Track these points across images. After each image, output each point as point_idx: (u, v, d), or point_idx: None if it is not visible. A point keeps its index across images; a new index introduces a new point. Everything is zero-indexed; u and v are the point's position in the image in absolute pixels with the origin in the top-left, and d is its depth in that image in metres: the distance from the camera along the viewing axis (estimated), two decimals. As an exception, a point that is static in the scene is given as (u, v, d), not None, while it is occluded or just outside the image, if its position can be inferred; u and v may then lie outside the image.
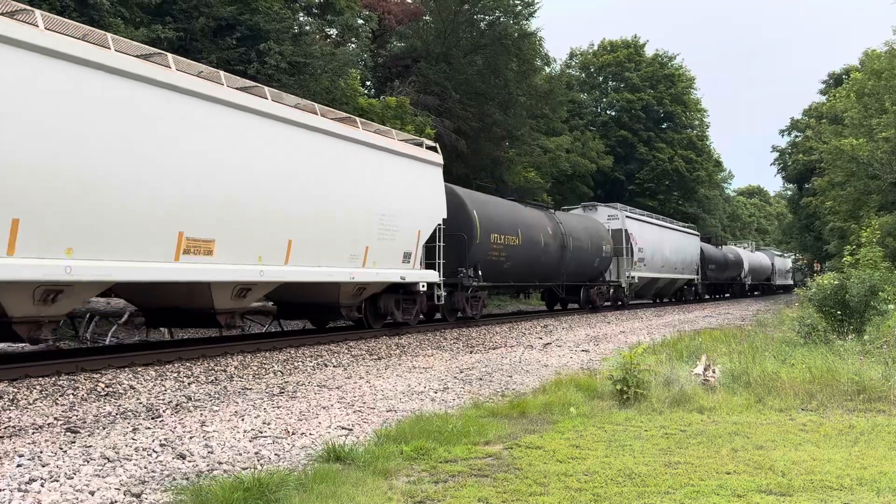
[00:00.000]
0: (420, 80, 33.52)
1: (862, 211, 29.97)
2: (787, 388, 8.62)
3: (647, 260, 33.32)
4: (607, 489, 5.04)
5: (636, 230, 32.05)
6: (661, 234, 35.86)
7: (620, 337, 17.55)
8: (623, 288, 30.82)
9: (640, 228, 32.98)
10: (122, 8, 17.93)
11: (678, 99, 59.98)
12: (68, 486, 4.88)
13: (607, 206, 32.44)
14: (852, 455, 5.97)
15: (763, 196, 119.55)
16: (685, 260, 38.99)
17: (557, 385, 9.21)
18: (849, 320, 13.04)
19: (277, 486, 4.80)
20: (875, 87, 30.48)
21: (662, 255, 35.34)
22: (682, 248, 38.74)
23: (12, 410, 7.44)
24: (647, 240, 33.32)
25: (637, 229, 32.21)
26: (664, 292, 38.94)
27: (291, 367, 11.12)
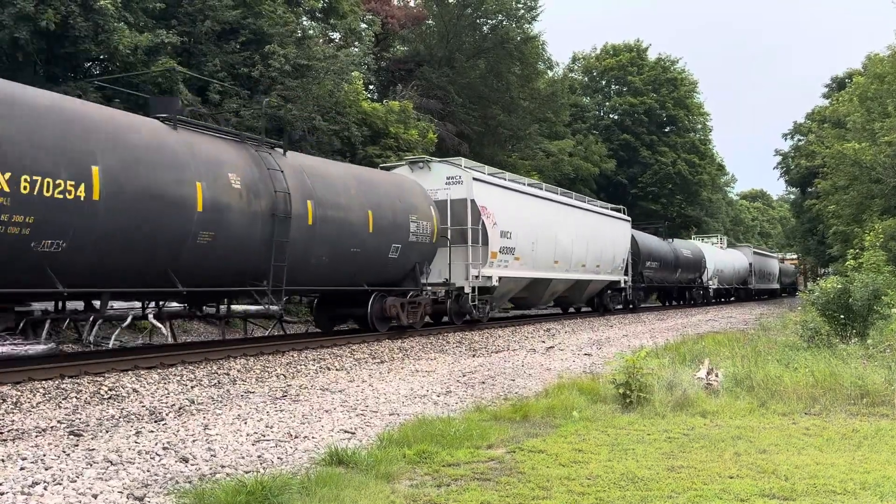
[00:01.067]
0: (423, 84, 33.57)
1: (865, 215, 29.93)
2: (790, 392, 8.61)
3: (522, 251, 21.42)
4: (610, 493, 5.04)
5: (495, 203, 20.11)
6: (554, 214, 23.94)
7: (623, 340, 17.53)
8: (468, 296, 19.17)
9: (504, 201, 20.77)
10: (127, 13, 17.97)
11: (681, 103, 59.97)
12: (71, 490, 4.89)
13: (447, 162, 20.47)
14: (855, 459, 5.96)
15: (766, 200, 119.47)
16: (602, 254, 27.25)
17: (560, 389, 9.21)
18: (852, 324, 13.01)
19: (280, 489, 4.80)
20: (878, 91, 30.46)
21: (555, 244, 23.59)
22: (597, 236, 26.83)
23: (15, 413, 7.45)
24: (518, 219, 21.21)
25: (497, 202, 20.24)
26: (569, 299, 27.53)
27: (294, 370, 11.12)
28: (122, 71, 18.32)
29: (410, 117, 27.89)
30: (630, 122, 56.53)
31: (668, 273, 36.32)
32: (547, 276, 23.27)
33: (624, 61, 59.35)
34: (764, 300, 57.71)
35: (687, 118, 61.12)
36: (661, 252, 35.19)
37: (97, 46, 17.21)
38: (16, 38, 15.91)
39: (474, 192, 19.28)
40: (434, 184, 19.24)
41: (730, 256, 49.73)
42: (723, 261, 46.75)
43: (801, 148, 54.30)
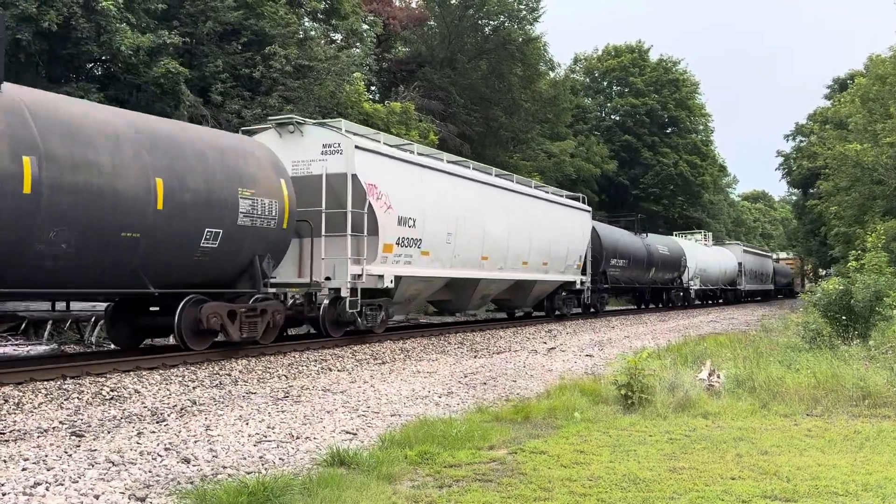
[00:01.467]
0: (424, 85, 33.59)
1: (867, 216, 29.90)
2: (792, 393, 8.62)
3: (432, 243, 16.73)
4: (612, 494, 5.04)
5: (391, 181, 15.38)
6: (482, 199, 19.04)
7: (625, 342, 17.53)
8: (345, 300, 14.36)
9: (406, 180, 16.04)
10: (129, 14, 18.00)
11: (682, 104, 59.99)
12: (73, 490, 4.89)
13: (324, 125, 15.33)
14: (857, 461, 5.95)
15: (768, 201, 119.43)
16: (551, 249, 22.82)
17: (562, 390, 9.21)
18: (854, 325, 13.01)
19: (282, 490, 4.81)
20: (880, 92, 30.44)
21: (483, 236, 18.82)
22: (544, 228, 22.19)
23: (17, 414, 7.46)
24: (427, 203, 16.58)
25: (394, 180, 15.50)
26: (510, 303, 23.93)
27: (296, 371, 11.12)
28: (125, 72, 18.35)
29: (412, 118, 27.91)
30: (632, 123, 56.54)
31: (640, 272, 32.14)
32: (472, 276, 18.78)
33: (626, 62, 59.37)
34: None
35: (689, 119, 61.14)
36: (630, 248, 31.03)
37: (99, 47, 17.24)
38: (18, 39, 15.93)
39: (357, 164, 14.42)
40: (307, 153, 14.71)
41: (716, 255, 45.68)
42: (707, 259, 42.82)
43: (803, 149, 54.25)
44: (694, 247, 41.89)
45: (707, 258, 43.12)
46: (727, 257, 47.86)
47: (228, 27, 21.19)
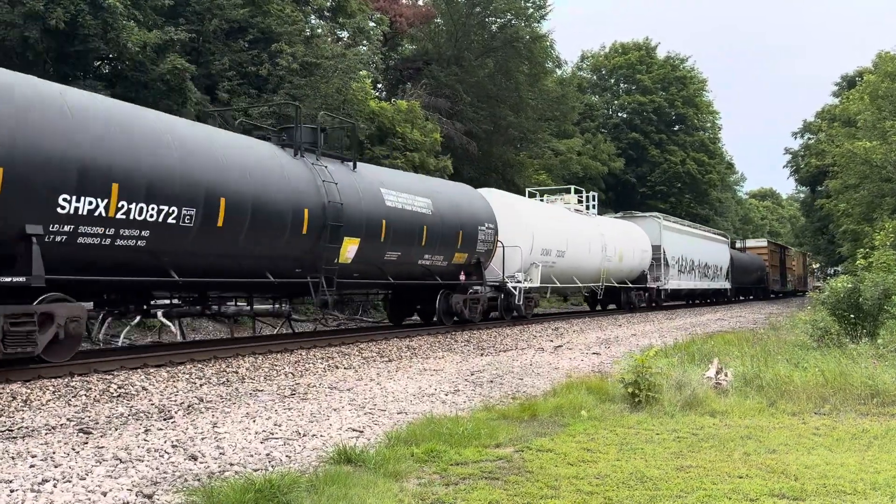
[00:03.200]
0: (431, 83, 33.57)
1: (875, 214, 29.80)
2: (800, 391, 8.58)
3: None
4: (619, 492, 5.02)
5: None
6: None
7: (632, 340, 17.50)
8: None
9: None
10: (136, 11, 18.03)
11: (690, 101, 59.87)
12: (81, 487, 4.90)
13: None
14: (866, 459, 5.93)
15: (775, 198, 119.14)
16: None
17: (568, 388, 9.19)
18: (862, 324, 12.96)
19: (289, 487, 4.81)
20: (889, 90, 30.32)
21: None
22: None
23: (25, 411, 7.48)
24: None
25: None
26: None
27: (302, 368, 11.14)
28: (132, 69, 18.39)
29: (418, 117, 27.90)
30: (639, 121, 56.46)
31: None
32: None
33: (633, 60, 59.28)
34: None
35: (696, 117, 61.02)
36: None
37: (106, 45, 17.28)
38: (26, 36, 15.98)
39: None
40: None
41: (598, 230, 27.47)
42: (568, 238, 24.55)
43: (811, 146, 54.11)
44: (540, 212, 24.47)
45: (574, 238, 25.08)
46: (633, 239, 30.80)
47: (235, 25, 21.22)
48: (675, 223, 37.30)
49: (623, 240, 29.58)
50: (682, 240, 36.31)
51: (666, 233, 34.01)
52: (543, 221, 23.55)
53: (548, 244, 23.11)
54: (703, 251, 39.17)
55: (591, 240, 26.41)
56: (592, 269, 26.69)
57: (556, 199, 28.26)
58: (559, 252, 23.89)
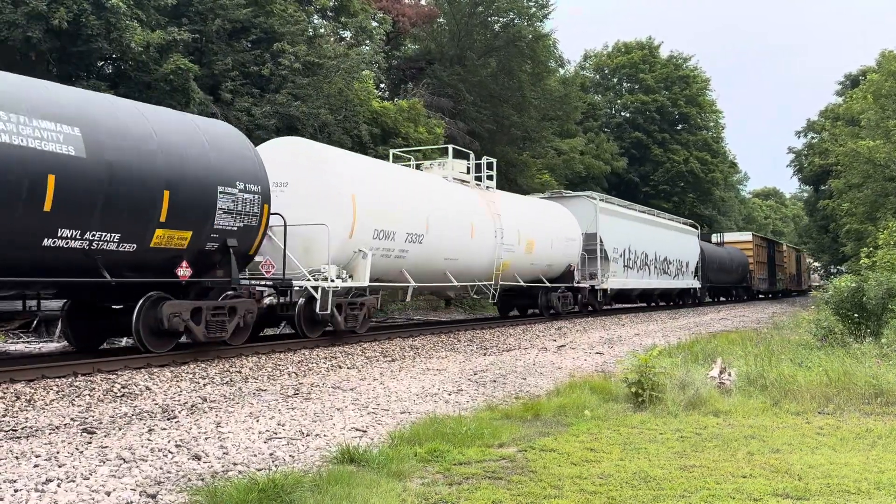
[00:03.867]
0: (434, 83, 33.58)
1: (879, 213, 29.74)
2: (804, 391, 8.57)
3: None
4: (622, 492, 5.02)
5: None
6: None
7: (635, 339, 17.48)
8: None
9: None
10: (139, 11, 18.06)
11: (693, 100, 59.79)
12: (84, 487, 4.91)
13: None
14: (870, 459, 5.92)
15: (779, 198, 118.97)
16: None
17: (572, 387, 9.19)
18: (866, 323, 12.94)
19: (292, 487, 4.81)
20: (892, 89, 30.26)
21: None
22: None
23: (29, 411, 7.49)
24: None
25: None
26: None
27: (306, 368, 11.14)
28: (135, 69, 18.41)
29: (420, 115, 27.90)
30: (642, 120, 56.39)
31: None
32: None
33: (636, 59, 59.21)
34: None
35: (699, 116, 60.93)
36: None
37: (109, 44, 17.30)
38: (29, 36, 16.01)
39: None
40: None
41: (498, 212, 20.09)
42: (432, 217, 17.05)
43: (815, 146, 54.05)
44: (376, 173, 16.46)
45: (438, 211, 17.42)
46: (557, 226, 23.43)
47: (238, 25, 21.24)
48: (619, 206, 29.41)
49: (536, 224, 21.87)
50: (630, 228, 28.88)
51: (604, 217, 26.28)
52: (380, 188, 15.51)
53: (388, 223, 15.30)
54: (661, 243, 31.92)
55: (476, 221, 18.51)
56: (479, 262, 18.89)
57: (431, 164, 20.59)
58: (413, 236, 16.04)
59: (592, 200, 26.21)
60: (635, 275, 29.17)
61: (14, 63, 16.24)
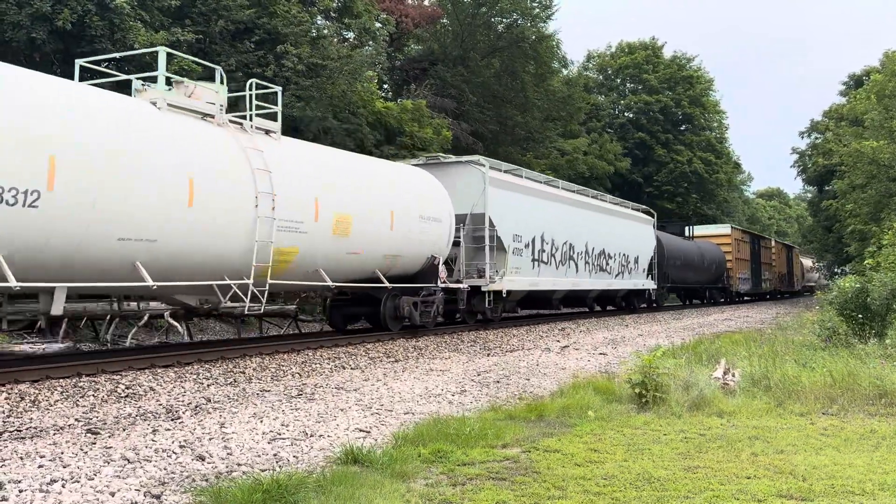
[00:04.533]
0: (437, 83, 33.59)
1: (883, 213, 29.67)
2: (808, 392, 8.56)
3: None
4: (626, 493, 5.02)
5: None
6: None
7: (639, 340, 17.47)
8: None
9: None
10: (143, 12, 18.09)
11: (697, 101, 59.68)
12: (89, 487, 4.92)
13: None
14: (874, 460, 5.91)
15: (782, 198, 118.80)
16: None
17: (575, 388, 9.18)
18: (870, 324, 12.91)
19: (296, 487, 4.82)
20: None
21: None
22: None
23: (33, 411, 7.51)
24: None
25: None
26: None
27: (309, 369, 11.15)
28: (138, 70, 18.43)
29: (425, 115, 27.90)
30: (645, 121, 56.30)
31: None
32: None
33: (639, 59, 59.13)
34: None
35: (703, 116, 60.82)
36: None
37: (113, 45, 17.31)
38: (33, 38, 16.03)
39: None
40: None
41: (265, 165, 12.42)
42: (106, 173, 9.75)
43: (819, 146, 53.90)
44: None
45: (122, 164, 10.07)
46: (400, 191, 16.39)
47: (241, 26, 21.24)
48: (527, 179, 22.02)
49: (361, 194, 14.86)
50: (544, 209, 22.01)
51: (498, 193, 19.38)
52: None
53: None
54: (597, 232, 25.54)
55: (205, 178, 11.37)
56: (216, 248, 11.62)
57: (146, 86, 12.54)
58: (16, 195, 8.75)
59: (479, 168, 19.13)
60: (553, 272, 22.49)
61: (18, 65, 16.28)
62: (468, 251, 18.86)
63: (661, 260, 31.78)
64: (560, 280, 23.15)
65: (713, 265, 38.65)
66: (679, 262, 34.12)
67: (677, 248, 34.48)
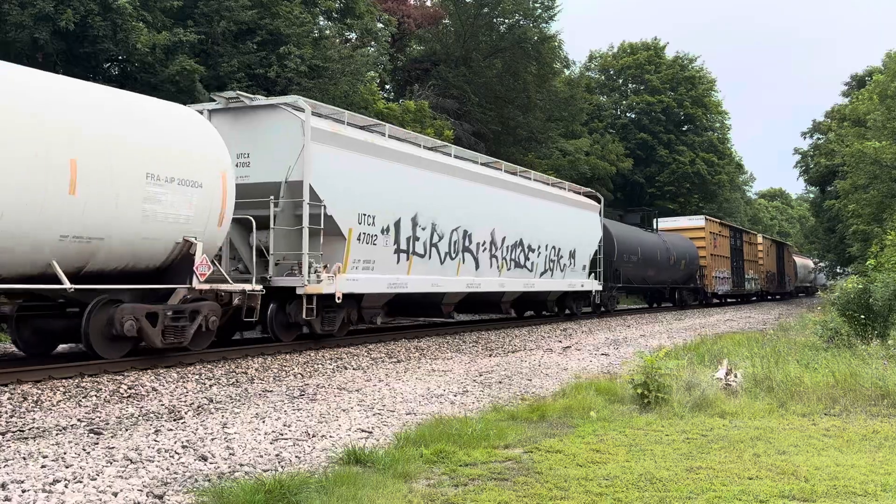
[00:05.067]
0: (439, 84, 33.61)
1: (885, 214, 29.65)
2: (810, 392, 8.56)
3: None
4: (628, 494, 5.02)
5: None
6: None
7: (640, 340, 17.47)
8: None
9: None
10: (145, 12, 18.12)
11: (699, 101, 59.63)
12: (92, 487, 4.93)
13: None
14: (876, 460, 5.91)
15: (785, 199, 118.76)
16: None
17: (577, 389, 9.18)
18: (873, 324, 12.90)
19: (298, 488, 4.82)
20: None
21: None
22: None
23: (36, 412, 7.52)
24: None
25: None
26: None
27: (311, 369, 11.16)
28: (141, 70, 18.47)
29: (426, 117, 27.91)
30: (647, 121, 56.28)
31: None
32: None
33: (641, 60, 59.11)
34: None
35: (705, 117, 60.77)
36: None
37: (116, 46, 17.36)
38: (36, 38, 16.07)
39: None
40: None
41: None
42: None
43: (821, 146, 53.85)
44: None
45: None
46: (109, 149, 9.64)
47: (243, 26, 21.27)
48: (380, 137, 15.41)
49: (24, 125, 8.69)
50: (417, 179, 15.98)
51: (326, 152, 13.45)
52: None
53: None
54: (512, 218, 19.89)
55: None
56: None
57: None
58: None
59: (295, 115, 13.17)
60: (435, 268, 16.61)
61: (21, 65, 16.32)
62: (284, 237, 12.95)
63: (611, 255, 26.42)
64: (446, 280, 16.98)
65: (682, 262, 33.52)
66: (636, 259, 28.87)
67: (635, 242, 29.05)
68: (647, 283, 30.83)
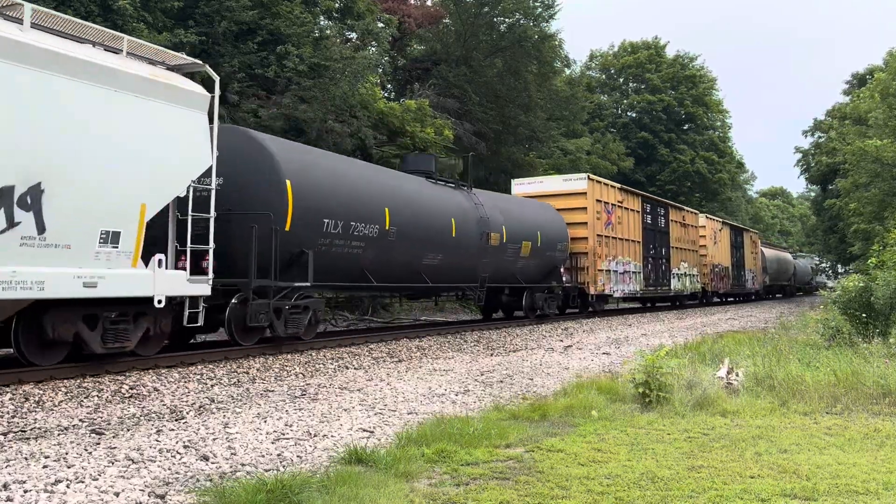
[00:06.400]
0: (440, 83, 33.60)
1: (887, 212, 29.64)
2: (812, 391, 8.55)
3: None
4: (629, 493, 5.02)
5: None
6: None
7: (642, 339, 17.46)
8: None
9: None
10: (146, 13, 18.12)
11: (699, 100, 59.66)
12: (93, 488, 4.93)
13: None
14: (878, 459, 5.90)
15: (786, 197, 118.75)
16: None
17: (578, 388, 9.18)
18: (874, 323, 12.90)
19: (300, 487, 4.82)
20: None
21: None
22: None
23: (38, 412, 7.52)
24: None
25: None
26: None
27: (312, 369, 11.16)
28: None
29: (427, 115, 27.91)
30: (648, 120, 56.31)
31: None
32: None
33: (642, 59, 59.17)
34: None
35: (706, 116, 60.81)
36: None
37: (117, 47, 17.34)
38: (37, 39, 16.04)
39: None
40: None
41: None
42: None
43: (822, 145, 53.84)
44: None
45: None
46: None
47: (244, 27, 21.27)
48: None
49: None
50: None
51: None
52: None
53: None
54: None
55: None
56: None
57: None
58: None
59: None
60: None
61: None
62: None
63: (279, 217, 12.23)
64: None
65: (524, 244, 20.40)
66: (381, 230, 14.57)
67: (375, 194, 14.73)
68: (388, 280, 15.51)
